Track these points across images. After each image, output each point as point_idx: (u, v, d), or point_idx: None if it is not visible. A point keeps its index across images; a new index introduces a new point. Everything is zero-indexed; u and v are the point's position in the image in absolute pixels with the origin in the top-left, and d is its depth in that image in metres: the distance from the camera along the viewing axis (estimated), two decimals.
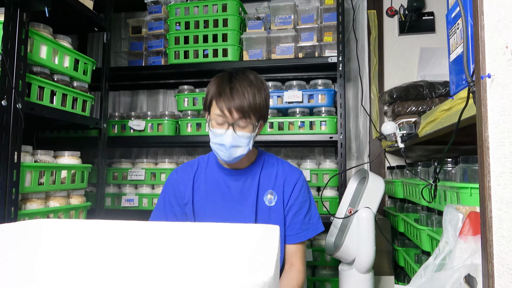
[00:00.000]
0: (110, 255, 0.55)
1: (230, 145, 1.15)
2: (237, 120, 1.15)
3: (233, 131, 1.15)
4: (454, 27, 1.00)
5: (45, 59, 1.45)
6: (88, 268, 0.55)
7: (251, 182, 1.27)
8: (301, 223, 1.27)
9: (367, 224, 1.45)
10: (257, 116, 1.18)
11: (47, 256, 0.54)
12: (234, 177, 1.28)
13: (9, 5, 1.26)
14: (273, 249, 0.46)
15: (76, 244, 0.55)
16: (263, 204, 1.26)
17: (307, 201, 1.30)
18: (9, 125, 1.26)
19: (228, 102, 1.13)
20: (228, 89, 1.16)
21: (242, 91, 1.15)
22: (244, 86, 1.16)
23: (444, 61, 2.29)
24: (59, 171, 1.55)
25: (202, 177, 1.30)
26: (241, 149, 1.18)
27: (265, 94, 1.21)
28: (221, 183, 1.28)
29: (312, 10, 2.12)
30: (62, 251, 0.55)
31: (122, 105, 2.77)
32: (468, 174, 1.07)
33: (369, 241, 1.44)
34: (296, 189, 1.28)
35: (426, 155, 2.32)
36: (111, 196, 2.24)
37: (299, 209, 1.27)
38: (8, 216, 1.25)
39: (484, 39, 0.67)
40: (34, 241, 0.53)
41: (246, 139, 1.17)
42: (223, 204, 1.26)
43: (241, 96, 1.14)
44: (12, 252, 0.51)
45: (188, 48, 2.17)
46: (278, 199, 1.27)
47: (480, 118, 0.67)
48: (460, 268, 0.73)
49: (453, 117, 1.03)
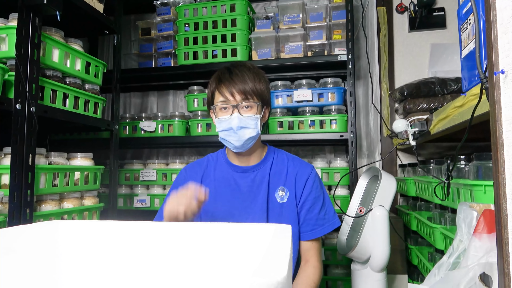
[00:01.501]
0: (123, 255, 0.56)
1: (237, 127, 1.16)
2: (240, 102, 1.17)
3: (239, 113, 1.17)
4: (465, 23, 0.99)
5: (57, 62, 1.48)
6: (104, 269, 0.56)
7: (261, 179, 1.26)
8: (316, 219, 1.25)
9: (382, 222, 1.44)
10: (259, 98, 1.19)
11: (64, 257, 0.55)
12: (243, 174, 1.27)
13: (22, 10, 1.28)
14: (286, 249, 0.46)
15: (92, 245, 0.56)
16: (274, 201, 1.25)
17: (321, 196, 1.28)
18: (24, 128, 1.29)
19: (230, 86, 1.17)
20: (228, 74, 1.19)
21: (242, 74, 1.18)
22: (243, 71, 1.20)
23: (456, 57, 2.26)
24: (73, 173, 1.57)
25: (212, 174, 1.30)
26: (250, 130, 1.18)
27: (265, 79, 1.24)
28: (230, 181, 1.27)
29: (321, 8, 2.11)
30: (79, 252, 0.55)
31: (133, 107, 2.80)
32: (482, 171, 1.06)
33: (384, 240, 1.43)
34: (308, 184, 1.26)
35: (439, 152, 2.29)
36: (123, 196, 2.27)
37: (313, 204, 1.25)
38: (23, 217, 1.27)
39: (497, 35, 0.66)
40: (50, 242, 0.54)
41: (253, 121, 1.18)
42: (233, 202, 1.25)
43: (241, 79, 1.17)
44: (30, 253, 0.52)
45: (197, 49, 2.18)
46: (290, 195, 1.25)
47: (494, 115, 0.66)
48: (475, 267, 0.72)
49: (465, 114, 1.01)
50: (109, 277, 0.55)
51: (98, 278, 0.54)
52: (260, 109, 1.21)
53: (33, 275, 0.50)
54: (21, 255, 0.49)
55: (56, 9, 1.33)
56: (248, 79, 1.17)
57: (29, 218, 1.30)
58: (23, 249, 0.50)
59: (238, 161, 1.28)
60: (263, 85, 1.21)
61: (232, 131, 1.17)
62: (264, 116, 1.25)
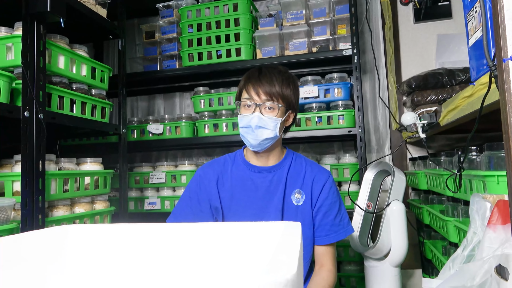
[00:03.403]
0: (133, 257, 0.56)
1: (255, 125, 1.17)
2: (264, 102, 1.18)
3: (260, 113, 1.18)
4: (471, 11, 0.97)
5: (63, 69, 1.49)
6: (114, 272, 0.56)
7: (278, 180, 1.26)
8: (331, 224, 1.24)
9: (400, 216, 1.45)
10: (284, 102, 1.20)
11: (73, 262, 0.55)
12: (260, 174, 1.27)
13: (26, 18, 1.30)
14: (295, 246, 0.46)
15: (102, 249, 0.56)
16: (290, 203, 1.25)
17: (337, 202, 1.28)
18: (33, 135, 1.30)
19: (256, 85, 1.18)
20: (257, 73, 1.21)
21: (270, 76, 1.20)
22: (272, 73, 1.21)
23: (463, 47, 2.23)
24: (83, 178, 1.59)
25: (229, 174, 1.29)
26: (268, 131, 1.18)
27: (294, 84, 1.24)
28: (247, 180, 1.27)
29: (324, 3, 2.10)
30: (88, 256, 0.56)
31: (140, 110, 2.81)
32: (494, 162, 1.04)
33: (403, 233, 1.44)
34: (325, 189, 1.26)
35: (449, 144, 2.26)
36: (133, 200, 2.28)
37: (329, 210, 1.25)
38: (36, 223, 1.29)
39: (504, 21, 0.64)
40: (60, 247, 0.54)
41: (273, 123, 1.18)
42: (249, 201, 1.25)
43: (269, 80, 1.18)
44: (39, 259, 0.52)
45: (202, 50, 2.18)
46: (306, 198, 1.25)
47: (505, 103, 0.64)
48: (490, 259, 0.70)
49: (475, 104, 1.00)
50: (119, 279, 0.55)
51: (107, 282, 0.54)
52: (283, 112, 1.21)
53: (40, 282, 0.50)
54: (29, 261, 0.50)
55: (59, 16, 1.34)
56: (275, 82, 1.18)
57: (41, 224, 1.31)
58: (31, 254, 0.50)
59: (256, 161, 1.28)
60: (290, 90, 1.21)
61: (250, 129, 1.18)
62: (287, 119, 1.25)
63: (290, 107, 1.23)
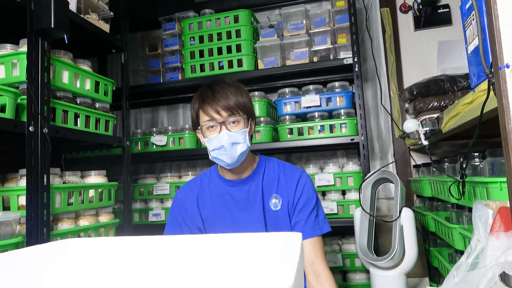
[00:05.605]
0: (132, 270, 0.57)
1: (229, 143, 1.16)
2: (226, 118, 1.17)
3: (227, 129, 1.17)
4: (469, 19, 0.98)
5: (67, 83, 1.51)
6: (114, 286, 0.57)
7: (255, 189, 1.27)
8: (306, 220, 1.23)
9: (410, 223, 1.46)
10: (244, 111, 1.19)
11: (72, 276, 0.55)
12: (237, 187, 1.28)
13: (31, 35, 1.32)
14: (294, 257, 0.46)
15: (102, 263, 0.56)
16: (269, 209, 1.26)
17: (313, 198, 1.27)
18: (37, 149, 1.31)
19: (213, 104, 1.17)
20: (210, 92, 1.19)
21: (224, 90, 1.18)
22: (224, 87, 1.20)
23: (464, 53, 2.23)
24: (87, 191, 1.60)
25: (207, 192, 1.31)
26: (241, 145, 1.18)
27: (246, 92, 1.24)
28: (225, 195, 1.28)
29: (324, 13, 2.12)
30: (88, 271, 0.56)
31: (144, 122, 2.83)
32: (496, 168, 1.03)
33: (414, 239, 1.45)
34: (298, 188, 1.26)
35: (452, 150, 2.25)
36: (138, 211, 2.29)
37: (304, 206, 1.24)
38: (41, 237, 1.30)
39: (500, 29, 0.65)
40: (60, 262, 0.55)
41: (242, 135, 1.18)
42: (231, 216, 1.26)
43: (224, 95, 1.17)
44: (38, 274, 0.53)
45: (204, 62, 2.21)
46: (283, 202, 1.26)
47: (502, 110, 0.64)
48: (494, 266, 0.70)
49: (475, 110, 1.00)
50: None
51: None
52: (247, 122, 1.21)
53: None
54: (28, 277, 0.50)
55: (63, 32, 1.37)
56: (230, 94, 1.18)
57: (46, 237, 1.32)
58: (30, 270, 0.50)
59: (231, 175, 1.28)
60: (245, 98, 1.21)
61: (223, 149, 1.17)
62: (250, 128, 1.25)
63: (250, 115, 1.23)
